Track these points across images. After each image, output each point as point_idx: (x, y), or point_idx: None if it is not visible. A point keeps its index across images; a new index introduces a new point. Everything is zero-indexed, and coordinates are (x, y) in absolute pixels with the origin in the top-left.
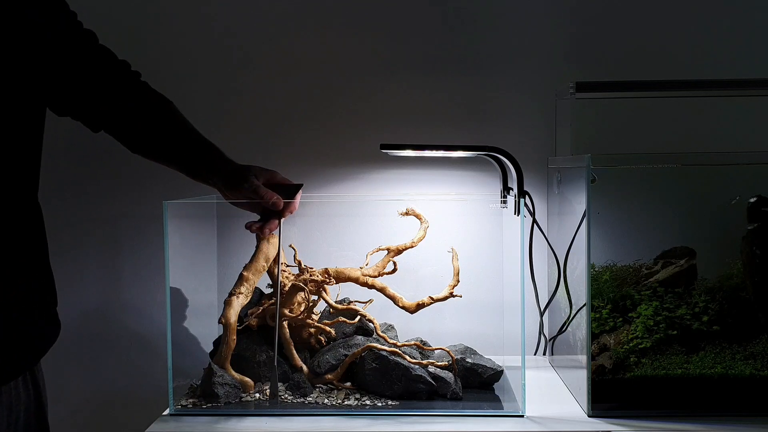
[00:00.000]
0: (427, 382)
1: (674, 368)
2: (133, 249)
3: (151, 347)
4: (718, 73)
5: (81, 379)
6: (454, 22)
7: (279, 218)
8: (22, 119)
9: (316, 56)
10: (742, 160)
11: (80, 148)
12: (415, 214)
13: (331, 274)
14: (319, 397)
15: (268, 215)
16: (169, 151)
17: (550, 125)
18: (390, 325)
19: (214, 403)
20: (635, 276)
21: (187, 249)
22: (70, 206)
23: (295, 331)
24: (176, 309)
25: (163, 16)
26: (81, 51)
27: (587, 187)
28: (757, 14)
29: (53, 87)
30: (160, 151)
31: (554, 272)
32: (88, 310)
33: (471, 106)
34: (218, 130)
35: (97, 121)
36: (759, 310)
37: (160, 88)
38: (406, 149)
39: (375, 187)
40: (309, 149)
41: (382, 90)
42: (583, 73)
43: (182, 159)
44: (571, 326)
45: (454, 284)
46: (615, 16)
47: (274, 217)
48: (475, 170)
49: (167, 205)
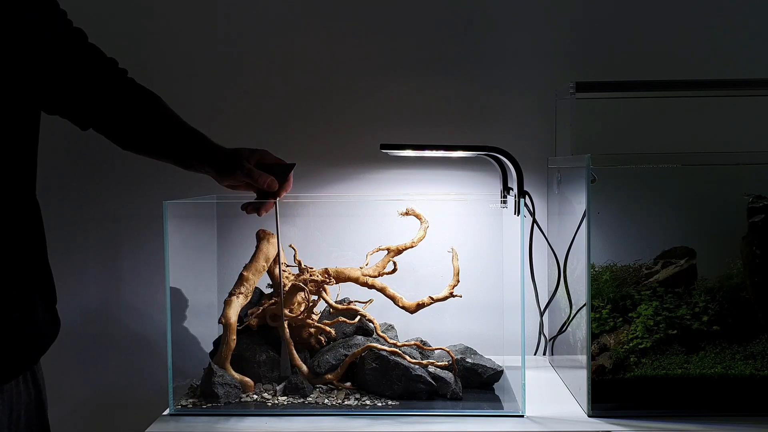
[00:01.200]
0: (427, 382)
1: (674, 368)
2: (133, 249)
3: (151, 347)
4: (718, 73)
5: (81, 379)
6: (454, 22)
7: (275, 198)
8: (18, 117)
9: (315, 56)
10: (742, 160)
11: (80, 148)
12: (415, 214)
13: (331, 274)
14: (319, 397)
15: (263, 196)
16: (158, 144)
17: (550, 125)
18: (390, 325)
19: (214, 403)
20: (635, 276)
21: (187, 249)
22: (70, 206)
23: (295, 331)
24: (176, 309)
25: (162, 16)
26: (71, 50)
27: (587, 187)
28: (757, 14)
29: (45, 85)
30: (150, 145)
31: (554, 272)
32: (88, 310)
33: (471, 106)
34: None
35: (85, 119)
36: (759, 310)
37: (159, 87)
38: (406, 149)
39: (375, 187)
40: (309, 149)
41: (382, 90)
42: (583, 73)
43: (172, 151)
44: (571, 326)
45: (454, 284)
46: (615, 16)
47: (270, 197)
48: (475, 170)
49: (167, 205)
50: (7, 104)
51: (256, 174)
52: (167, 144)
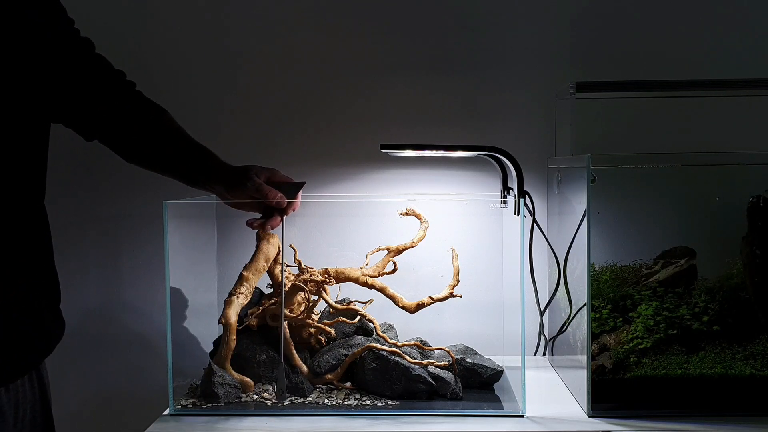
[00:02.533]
0: (427, 382)
1: (674, 368)
2: (133, 249)
3: (151, 347)
4: (718, 73)
5: (81, 379)
6: (454, 21)
7: (281, 216)
8: (27, 124)
9: (315, 56)
10: (742, 160)
11: (80, 148)
12: (415, 214)
13: (331, 274)
14: (319, 397)
15: (270, 212)
16: (164, 160)
17: (550, 125)
18: (390, 325)
19: (214, 403)
20: (635, 276)
21: (187, 249)
22: (70, 206)
23: (295, 331)
24: (176, 309)
25: (162, 16)
26: (77, 58)
27: (587, 187)
28: (757, 14)
29: (50, 91)
30: (156, 160)
31: (554, 272)
32: (88, 310)
33: (471, 106)
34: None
35: (89, 129)
36: (759, 310)
37: (158, 89)
38: (406, 149)
39: (375, 187)
40: (309, 149)
41: (382, 90)
42: (583, 73)
43: (178, 168)
44: (571, 326)
45: (454, 284)
46: (615, 16)
47: (276, 214)
48: (475, 170)
49: (167, 205)
50: (15, 111)
51: (266, 189)
52: (172, 159)
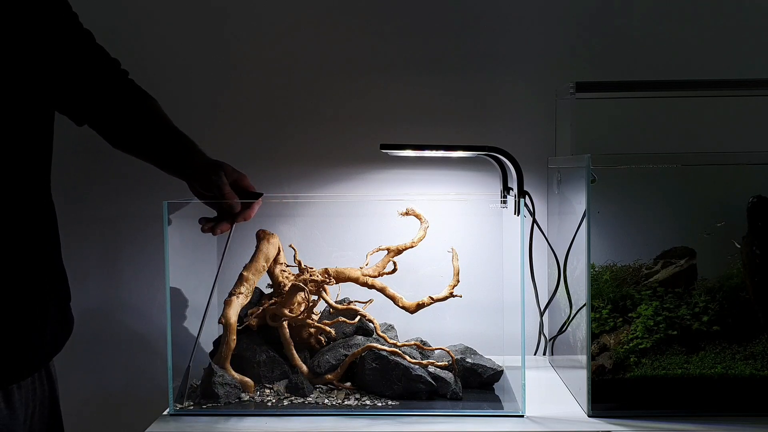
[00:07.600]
0: (427, 382)
1: (674, 368)
2: (133, 249)
3: (151, 347)
4: (718, 73)
5: (81, 379)
6: (454, 21)
7: (232, 222)
8: (31, 114)
9: (315, 56)
10: (742, 160)
11: (80, 148)
12: (415, 214)
13: (331, 274)
14: (319, 397)
15: (223, 216)
16: (144, 145)
17: (550, 125)
18: (390, 325)
19: (214, 403)
20: (635, 276)
21: (187, 249)
22: (71, 206)
23: (295, 331)
24: (176, 309)
25: (161, 15)
26: (79, 49)
27: (587, 187)
28: (757, 14)
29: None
30: (134, 143)
31: (554, 272)
32: (88, 310)
33: (471, 105)
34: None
35: (82, 115)
36: (759, 310)
37: (157, 87)
38: (406, 149)
39: (375, 187)
40: (309, 149)
41: (382, 90)
42: (583, 73)
43: (155, 152)
44: (571, 326)
45: (454, 284)
46: (615, 16)
47: (228, 219)
48: (475, 170)
49: (167, 205)
50: (20, 99)
51: (227, 189)
52: (150, 144)
